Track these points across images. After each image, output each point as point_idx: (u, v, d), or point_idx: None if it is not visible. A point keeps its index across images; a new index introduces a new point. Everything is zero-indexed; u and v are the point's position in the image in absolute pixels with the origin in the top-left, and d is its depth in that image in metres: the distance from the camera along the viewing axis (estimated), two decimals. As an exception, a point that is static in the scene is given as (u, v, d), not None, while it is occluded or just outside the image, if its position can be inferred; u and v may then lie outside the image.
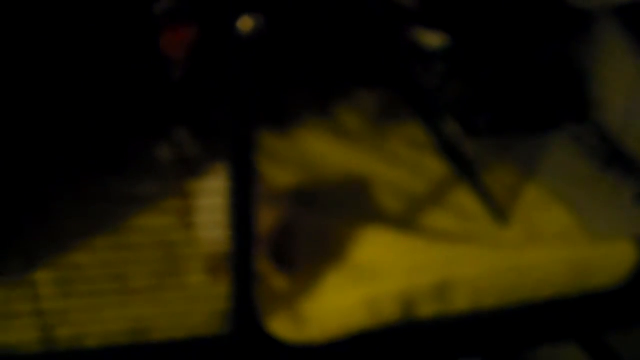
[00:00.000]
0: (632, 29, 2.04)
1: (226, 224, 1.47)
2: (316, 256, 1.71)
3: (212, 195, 1.57)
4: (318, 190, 1.96)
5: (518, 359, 2.19)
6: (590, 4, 1.79)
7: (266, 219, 1.60)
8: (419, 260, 1.72)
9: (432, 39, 2.13)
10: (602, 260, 1.80)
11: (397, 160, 2.08)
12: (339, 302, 1.66)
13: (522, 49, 2.18)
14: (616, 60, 2.09)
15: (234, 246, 1.48)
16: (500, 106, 2.19)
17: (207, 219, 1.61)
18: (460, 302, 1.72)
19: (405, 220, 1.88)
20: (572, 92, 2.20)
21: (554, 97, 2.20)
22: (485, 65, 2.20)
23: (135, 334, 1.59)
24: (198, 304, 1.60)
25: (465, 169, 2.01)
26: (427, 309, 1.70)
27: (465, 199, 1.96)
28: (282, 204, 1.67)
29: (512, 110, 2.19)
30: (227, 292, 1.54)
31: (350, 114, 2.26)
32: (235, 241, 1.48)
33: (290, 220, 1.68)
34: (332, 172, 2.04)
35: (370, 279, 1.69)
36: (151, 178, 1.93)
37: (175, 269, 1.68)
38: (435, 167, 2.06)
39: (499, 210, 1.90)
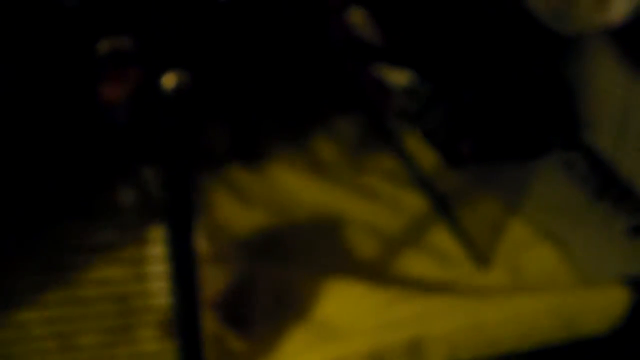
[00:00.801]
0: (623, 46, 1.89)
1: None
2: (277, 313, 1.59)
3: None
4: (286, 233, 1.84)
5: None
6: (566, 30, 1.68)
7: (217, 278, 1.49)
8: (389, 316, 1.59)
9: (398, 77, 2.03)
10: (592, 305, 1.65)
11: (375, 196, 1.96)
12: (301, 363, 1.54)
13: (506, 71, 2.06)
14: (607, 80, 1.95)
15: (177, 312, 1.37)
16: (484, 132, 2.06)
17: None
18: (435, 358, 1.58)
19: (379, 266, 1.76)
20: (561, 115, 2.06)
21: (542, 121, 2.06)
22: (467, 88, 2.08)
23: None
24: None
25: (441, 207, 1.88)
26: (398, 367, 1.57)
27: (444, 239, 1.82)
28: (236, 260, 1.55)
29: (497, 137, 2.06)
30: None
31: (327, 145, 2.14)
32: (177, 306, 1.37)
33: (245, 277, 1.56)
34: (304, 211, 1.93)
35: (336, 337, 1.56)
36: (112, 225, 1.83)
37: (126, 324, 1.58)
38: (414, 203, 1.94)
39: (480, 252, 1.77)
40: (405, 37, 2.04)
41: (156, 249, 1.62)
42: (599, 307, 1.65)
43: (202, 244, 1.52)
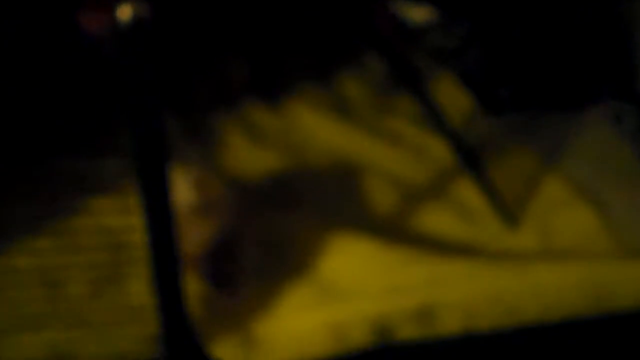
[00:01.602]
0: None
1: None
2: (272, 269, 1.45)
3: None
4: (297, 178, 1.70)
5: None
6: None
7: (204, 230, 1.35)
8: (400, 278, 1.44)
9: (417, 14, 1.85)
10: (630, 277, 1.48)
11: (398, 142, 1.80)
12: (297, 324, 1.40)
13: (554, 9, 1.87)
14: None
15: (155, 266, 1.25)
16: (525, 76, 1.88)
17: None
18: (448, 326, 1.43)
19: (396, 220, 1.61)
20: (613, 62, 1.87)
21: (591, 68, 1.87)
22: (509, 27, 1.90)
23: (60, 358, 1.39)
24: (133, 319, 1.39)
25: (468, 158, 1.71)
26: (406, 334, 1.43)
27: (470, 194, 1.66)
28: (228, 210, 1.41)
29: (539, 82, 1.88)
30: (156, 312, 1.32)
31: (352, 83, 1.97)
32: (155, 259, 1.25)
33: (237, 229, 1.42)
34: (320, 154, 1.78)
35: (339, 298, 1.42)
36: (112, 163, 1.72)
37: (117, 275, 1.48)
38: (441, 152, 1.77)
39: (508, 211, 1.60)
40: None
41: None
42: (638, 280, 1.49)
43: (188, 192, 1.39)
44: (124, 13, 1.06)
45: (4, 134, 1.73)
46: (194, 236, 1.31)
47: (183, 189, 1.34)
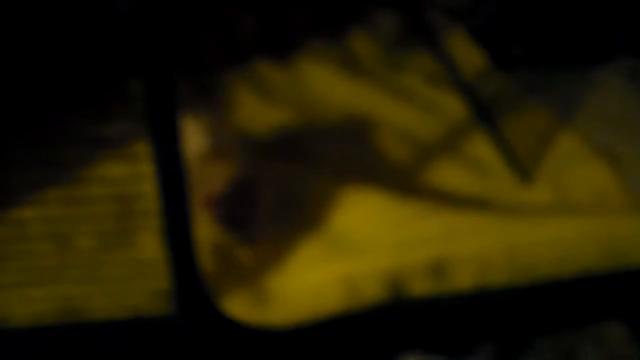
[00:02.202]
0: None
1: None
2: (285, 219, 1.43)
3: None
4: (308, 134, 1.68)
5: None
6: None
7: (218, 175, 1.33)
8: (413, 232, 1.43)
9: None
10: (645, 232, 1.47)
11: (411, 99, 1.78)
12: (309, 278, 1.38)
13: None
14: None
15: (165, 216, 1.23)
16: (538, 32, 1.86)
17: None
18: (462, 281, 1.42)
19: (409, 175, 1.59)
20: (628, 16, 1.83)
21: (606, 22, 1.84)
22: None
23: (70, 313, 1.37)
24: (144, 274, 1.37)
25: (483, 114, 1.69)
26: (419, 288, 1.41)
27: (484, 150, 1.64)
28: (242, 157, 1.38)
29: (552, 38, 1.85)
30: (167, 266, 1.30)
31: (363, 41, 1.95)
32: (165, 208, 1.23)
33: (250, 176, 1.40)
34: (331, 111, 1.76)
35: (352, 251, 1.41)
36: (121, 117, 1.70)
37: (126, 227, 1.46)
38: (453, 108, 1.75)
39: (522, 166, 1.58)
40: None
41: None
42: (653, 235, 1.47)
43: (203, 141, 1.37)
44: None
45: (14, 89, 1.70)
46: (208, 179, 1.29)
47: (195, 138, 1.32)
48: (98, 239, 1.45)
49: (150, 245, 1.40)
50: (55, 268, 1.41)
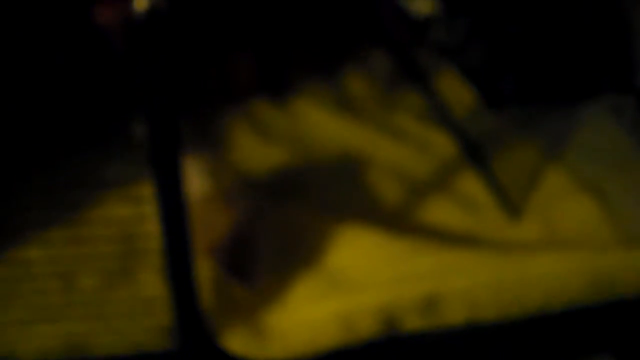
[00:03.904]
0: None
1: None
2: (284, 260, 1.48)
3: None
4: (305, 173, 1.73)
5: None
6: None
7: (220, 220, 1.38)
8: (406, 268, 1.47)
9: (421, 7, 1.87)
10: (631, 265, 1.51)
11: (403, 137, 1.83)
12: (307, 314, 1.43)
13: (554, 3, 1.88)
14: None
15: (168, 257, 1.28)
16: (527, 70, 1.89)
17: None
18: (453, 316, 1.46)
19: (402, 212, 1.64)
20: (613, 55, 1.88)
21: (592, 61, 1.89)
22: (510, 21, 1.91)
23: (74, 349, 1.42)
24: (146, 311, 1.42)
25: (472, 151, 1.74)
26: (412, 323, 1.46)
27: (474, 186, 1.69)
28: (243, 201, 1.44)
29: (541, 76, 1.89)
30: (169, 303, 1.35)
31: (358, 81, 2.00)
32: (167, 247, 1.28)
33: (252, 220, 1.45)
34: (327, 150, 1.81)
35: (347, 289, 1.45)
36: (123, 159, 1.74)
37: (128, 266, 1.51)
38: (445, 145, 1.80)
39: (512, 202, 1.63)
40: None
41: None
42: (638, 268, 1.51)
43: (204, 183, 1.42)
44: (141, 4, 1.07)
45: (16, 128, 1.75)
46: (209, 225, 1.34)
47: (196, 180, 1.37)
48: (102, 277, 1.49)
49: (152, 283, 1.45)
50: (59, 306, 1.45)
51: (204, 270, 1.38)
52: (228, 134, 1.87)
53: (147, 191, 1.58)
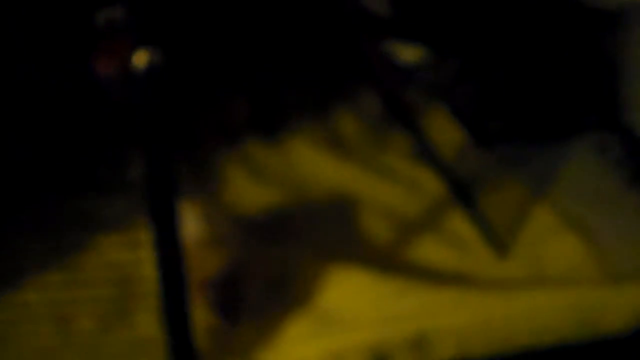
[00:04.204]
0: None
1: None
2: (274, 300, 1.51)
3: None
4: (297, 213, 1.76)
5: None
6: (608, 2, 1.55)
7: (211, 261, 1.41)
8: (395, 308, 1.51)
9: (409, 54, 1.92)
10: (618, 302, 1.54)
11: (393, 177, 1.86)
12: (297, 354, 1.45)
13: (540, 46, 1.92)
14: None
15: (165, 299, 1.31)
16: (514, 110, 1.94)
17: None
18: (442, 353, 1.49)
19: (391, 252, 1.67)
20: (598, 94, 1.92)
21: (577, 100, 1.93)
22: (497, 64, 1.95)
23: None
24: (142, 352, 1.44)
25: (459, 191, 1.77)
26: (402, 362, 1.49)
27: (462, 225, 1.72)
28: (234, 242, 1.47)
29: (527, 115, 1.93)
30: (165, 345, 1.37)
31: (348, 121, 2.04)
32: (164, 294, 1.30)
33: (242, 261, 1.48)
34: (318, 190, 1.84)
35: (337, 328, 1.48)
36: (121, 202, 1.78)
37: (125, 309, 1.53)
38: (433, 185, 1.83)
39: (499, 241, 1.66)
40: (424, 9, 1.93)
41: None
42: (626, 305, 1.54)
43: (198, 225, 1.45)
44: (140, 59, 1.11)
45: (14, 172, 1.78)
46: (202, 264, 1.37)
47: (191, 223, 1.40)
48: (98, 319, 1.52)
49: (148, 325, 1.48)
50: (56, 348, 1.48)
51: (199, 314, 1.41)
52: (222, 173, 1.90)
53: (143, 235, 1.62)
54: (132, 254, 1.61)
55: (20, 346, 1.47)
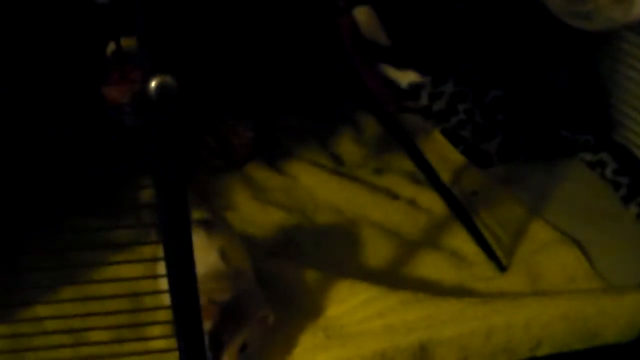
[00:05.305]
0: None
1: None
2: (282, 314, 1.56)
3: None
4: (301, 233, 1.81)
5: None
6: (592, 26, 1.61)
7: (223, 290, 1.46)
8: (398, 319, 1.55)
9: (404, 78, 1.98)
10: (613, 312, 1.59)
11: (394, 197, 1.92)
12: (307, 365, 1.51)
13: (533, 69, 1.99)
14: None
15: (177, 312, 1.35)
16: (510, 131, 2.01)
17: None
18: (445, 363, 1.54)
19: (394, 268, 1.72)
20: (592, 114, 1.99)
21: (572, 120, 1.99)
22: (493, 87, 2.02)
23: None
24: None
25: (458, 209, 1.83)
26: (406, 371, 1.53)
27: (462, 241, 1.78)
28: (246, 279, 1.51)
29: (523, 136, 2.00)
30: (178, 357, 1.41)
31: (350, 144, 2.11)
32: (177, 307, 1.34)
33: (248, 279, 1.52)
34: (321, 211, 1.90)
35: (343, 339, 1.53)
36: (131, 221, 1.82)
37: (137, 322, 1.56)
38: (433, 204, 1.88)
39: (497, 256, 1.71)
40: (420, 36, 2.00)
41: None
42: (620, 315, 1.59)
43: (215, 261, 1.50)
44: (152, 84, 1.15)
45: (28, 190, 1.81)
46: (211, 289, 1.41)
47: (211, 257, 1.45)
48: (111, 332, 1.53)
49: (160, 337, 1.51)
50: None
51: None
52: (227, 196, 1.95)
53: (154, 252, 1.66)
54: (141, 269, 1.63)
55: (34, 358, 1.50)
